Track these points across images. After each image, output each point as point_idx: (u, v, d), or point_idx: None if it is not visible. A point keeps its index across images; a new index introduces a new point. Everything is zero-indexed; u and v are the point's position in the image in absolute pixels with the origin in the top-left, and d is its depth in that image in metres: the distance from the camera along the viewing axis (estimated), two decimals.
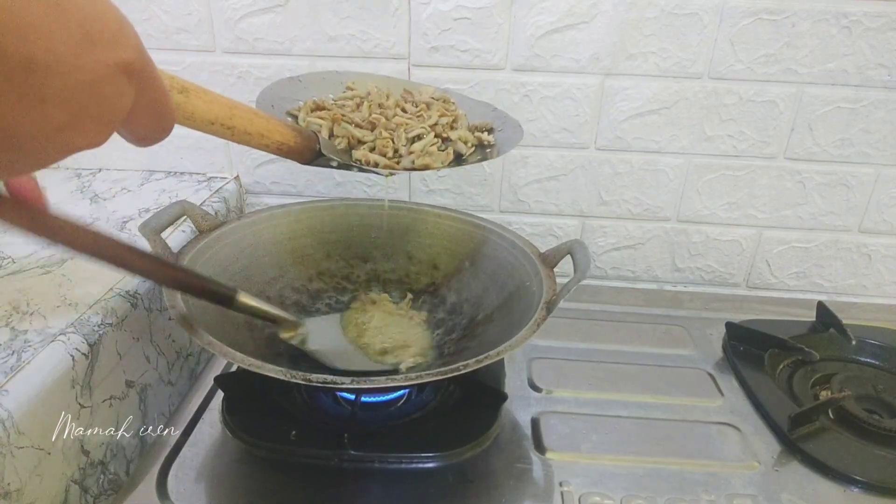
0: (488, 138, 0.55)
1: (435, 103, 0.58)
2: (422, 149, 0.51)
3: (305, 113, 0.54)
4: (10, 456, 0.38)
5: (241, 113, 0.37)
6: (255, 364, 0.44)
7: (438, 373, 0.44)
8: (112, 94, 0.21)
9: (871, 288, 0.83)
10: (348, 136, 0.51)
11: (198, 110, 0.33)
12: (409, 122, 0.54)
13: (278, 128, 0.40)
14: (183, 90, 0.32)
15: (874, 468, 0.53)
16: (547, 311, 0.52)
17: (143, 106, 0.23)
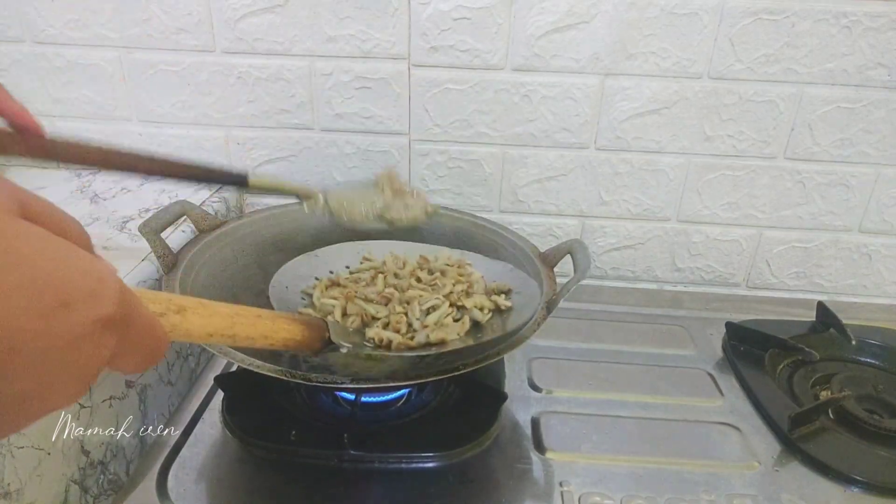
0: (505, 302, 0.56)
1: (450, 270, 0.58)
2: (436, 321, 0.52)
3: (320, 292, 0.56)
4: (10, 456, 0.38)
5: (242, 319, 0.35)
6: (255, 364, 0.44)
7: (438, 373, 0.44)
8: (90, 352, 0.20)
9: (871, 288, 0.83)
10: (362, 314, 0.52)
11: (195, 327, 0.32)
12: (422, 293, 0.55)
13: (283, 325, 0.39)
14: (180, 310, 0.31)
15: (874, 468, 0.53)
16: (547, 311, 0.52)
17: (126, 349, 0.22)
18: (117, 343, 0.21)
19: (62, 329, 0.18)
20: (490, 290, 0.58)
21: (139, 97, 0.77)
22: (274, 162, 0.80)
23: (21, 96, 0.40)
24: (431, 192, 0.80)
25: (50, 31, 0.74)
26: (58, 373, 0.19)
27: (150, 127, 0.79)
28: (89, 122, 0.79)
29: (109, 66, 0.75)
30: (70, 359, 0.19)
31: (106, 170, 0.46)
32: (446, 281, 0.57)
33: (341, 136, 0.78)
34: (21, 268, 0.17)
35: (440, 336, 0.50)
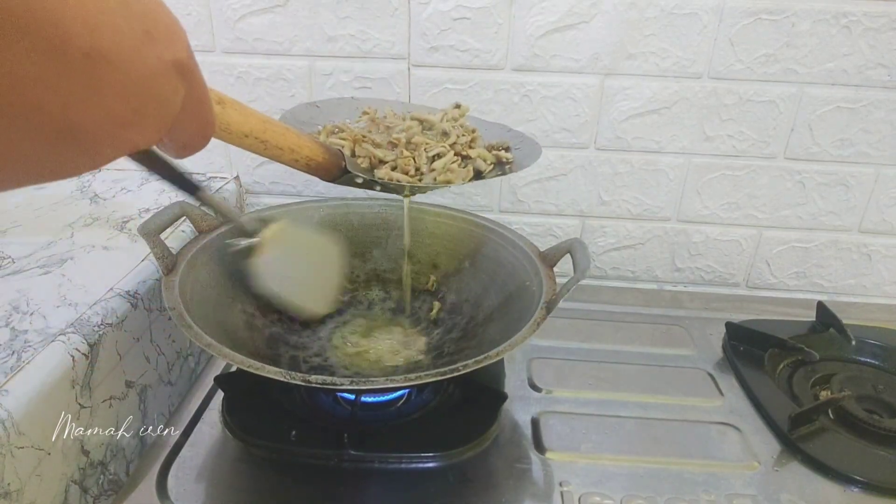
0: (507, 155, 0.56)
1: (451, 126, 0.58)
2: (443, 166, 0.52)
3: (326, 135, 0.55)
4: (10, 456, 0.38)
5: (273, 127, 0.37)
6: (255, 365, 0.44)
7: (438, 373, 0.44)
8: (167, 91, 0.21)
9: (871, 288, 0.83)
10: (370, 156, 0.52)
11: (234, 122, 0.33)
12: (429, 141, 0.55)
13: (308, 143, 0.40)
14: (220, 101, 0.32)
15: (874, 468, 0.53)
16: (547, 311, 0.52)
17: (190, 107, 0.23)
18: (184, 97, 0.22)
19: (148, 60, 0.19)
20: (490, 146, 0.58)
21: None
22: (274, 162, 0.80)
23: None
24: (431, 192, 0.80)
25: None
26: (140, 103, 0.20)
27: None
28: None
29: None
30: (153, 93, 0.20)
31: None
32: (451, 131, 0.57)
33: None
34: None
35: (447, 178, 0.50)
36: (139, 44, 0.19)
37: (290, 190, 0.82)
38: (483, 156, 0.54)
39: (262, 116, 0.36)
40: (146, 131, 0.21)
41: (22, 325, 0.46)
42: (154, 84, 0.20)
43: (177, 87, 0.22)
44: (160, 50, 0.20)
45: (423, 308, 0.67)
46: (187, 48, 0.22)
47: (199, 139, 0.26)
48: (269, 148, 0.36)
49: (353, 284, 0.70)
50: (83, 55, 0.17)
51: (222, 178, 0.80)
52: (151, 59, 0.20)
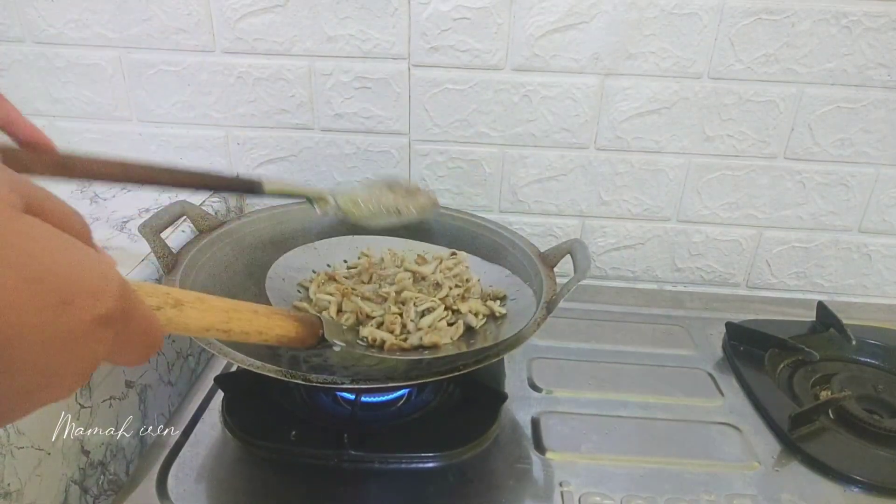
0: (500, 309, 0.55)
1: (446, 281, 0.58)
2: (430, 324, 0.52)
3: (317, 286, 0.56)
4: (10, 456, 0.38)
5: (238, 315, 0.36)
6: (255, 364, 0.44)
7: (438, 373, 0.44)
8: (88, 347, 0.20)
9: (871, 288, 0.83)
10: (357, 311, 0.52)
11: (191, 321, 0.32)
12: (418, 295, 0.55)
13: (278, 322, 0.39)
14: (177, 304, 0.31)
15: (874, 468, 0.53)
16: (547, 311, 0.52)
17: (123, 344, 0.22)
18: (115, 338, 0.21)
19: (62, 326, 0.18)
20: (486, 295, 0.58)
21: (139, 97, 0.77)
22: (274, 162, 0.80)
23: (21, 96, 0.41)
24: None
25: (50, 31, 0.74)
26: (57, 367, 0.19)
27: (150, 127, 0.79)
28: (89, 122, 0.79)
29: (109, 66, 0.75)
30: (69, 354, 0.19)
31: (123, 183, 0.46)
32: (443, 283, 0.57)
33: (341, 136, 0.78)
34: (24, 265, 0.17)
35: (433, 340, 0.50)
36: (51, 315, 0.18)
37: None
38: (475, 310, 0.54)
39: (225, 306, 0.35)
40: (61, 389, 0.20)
41: None
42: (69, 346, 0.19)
43: (99, 338, 0.20)
44: (80, 313, 0.19)
45: None
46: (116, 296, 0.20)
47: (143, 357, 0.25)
48: (233, 335, 0.36)
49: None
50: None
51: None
52: (67, 325, 0.19)
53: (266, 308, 0.38)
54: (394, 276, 0.59)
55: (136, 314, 0.22)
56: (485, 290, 0.59)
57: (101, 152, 0.43)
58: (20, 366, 0.18)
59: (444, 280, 0.58)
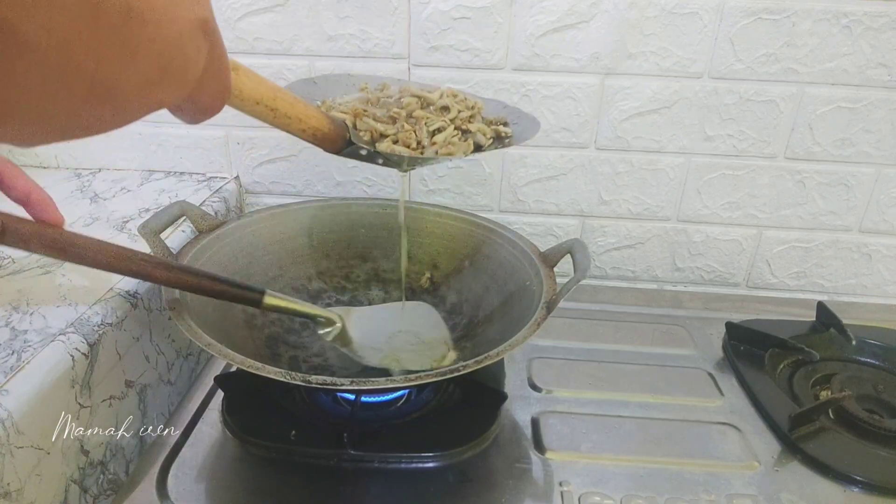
0: (505, 130, 0.56)
1: (451, 101, 0.58)
2: (444, 140, 0.52)
3: (325, 110, 0.54)
4: (9, 456, 0.38)
5: (283, 96, 0.38)
6: (255, 365, 0.44)
7: (438, 373, 0.44)
8: (192, 51, 0.22)
9: (871, 288, 0.83)
10: (371, 130, 0.52)
11: (246, 88, 0.34)
12: (429, 115, 0.54)
13: (315, 114, 0.41)
14: (234, 68, 0.33)
15: (874, 468, 0.53)
16: (547, 311, 0.52)
17: (211, 68, 0.24)
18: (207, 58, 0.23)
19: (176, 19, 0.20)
20: (488, 121, 0.58)
21: None
22: (274, 162, 0.80)
23: None
24: (431, 192, 0.80)
25: None
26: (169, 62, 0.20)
27: (150, 127, 0.79)
28: None
29: None
30: (180, 52, 0.21)
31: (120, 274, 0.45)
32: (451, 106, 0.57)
33: None
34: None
35: (448, 151, 0.50)
36: (168, 3, 0.20)
37: (290, 190, 0.82)
38: (482, 130, 0.54)
39: (272, 85, 0.37)
40: (172, 90, 0.22)
41: (22, 324, 0.46)
42: (181, 43, 0.21)
43: (201, 46, 0.22)
44: (187, 9, 0.21)
45: None
46: (210, 8, 0.22)
47: (216, 102, 0.26)
48: (278, 116, 0.38)
49: (352, 284, 0.70)
50: (117, 14, 0.18)
51: (222, 177, 0.80)
52: (179, 17, 0.20)
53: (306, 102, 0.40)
54: (400, 101, 0.58)
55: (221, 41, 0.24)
56: (486, 118, 0.59)
57: (101, 153, 0.43)
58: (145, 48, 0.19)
59: (451, 104, 0.57)
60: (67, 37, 0.17)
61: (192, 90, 0.24)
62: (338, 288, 0.69)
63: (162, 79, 0.21)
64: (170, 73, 0.21)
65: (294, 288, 0.66)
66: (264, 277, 0.64)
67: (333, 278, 0.69)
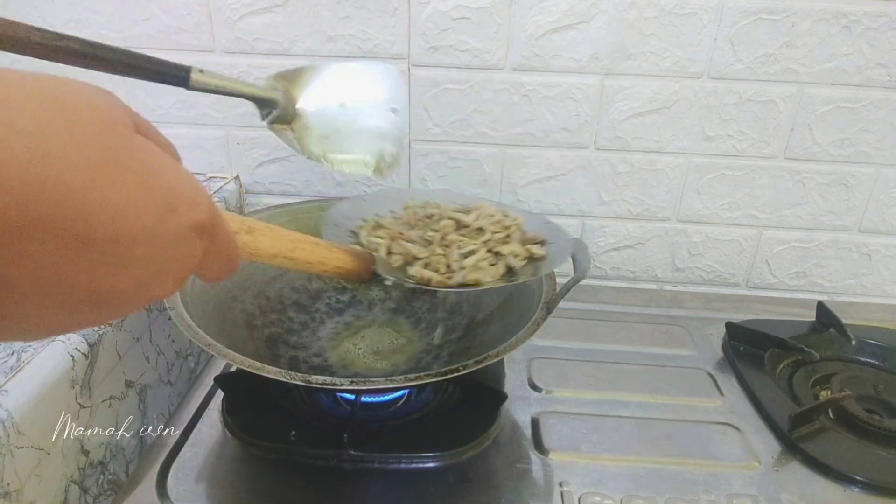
0: (540, 251, 0.56)
1: (487, 221, 0.59)
2: (473, 264, 0.52)
3: (367, 232, 0.57)
4: (10, 456, 0.38)
5: (302, 245, 0.40)
6: (255, 365, 0.44)
7: (438, 373, 0.44)
8: (186, 252, 0.23)
9: (871, 288, 0.83)
10: (404, 254, 0.53)
11: (263, 247, 0.36)
12: (462, 238, 0.55)
13: (337, 254, 0.44)
14: (250, 230, 0.34)
15: (874, 468, 0.53)
16: (547, 311, 0.52)
17: (211, 255, 0.25)
18: (205, 249, 0.24)
19: (168, 229, 0.21)
20: (525, 239, 0.58)
21: (139, 97, 0.77)
22: (274, 162, 0.80)
23: None
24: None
25: None
26: (163, 265, 0.22)
27: None
28: None
29: None
30: (172, 254, 0.22)
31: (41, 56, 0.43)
32: (486, 228, 0.57)
33: None
34: (141, 175, 0.20)
35: (476, 277, 0.51)
36: (160, 218, 0.21)
37: (290, 190, 0.82)
38: (515, 252, 0.55)
39: (291, 236, 0.39)
40: (167, 286, 0.23)
41: None
42: (174, 249, 0.22)
43: (195, 245, 0.24)
44: (181, 218, 0.22)
45: (423, 308, 0.67)
46: (207, 210, 0.24)
47: (224, 272, 0.29)
48: (297, 264, 0.40)
49: (352, 284, 0.70)
50: (108, 239, 0.19)
51: (222, 178, 0.80)
52: (172, 228, 0.21)
53: (326, 242, 0.43)
54: (437, 223, 0.59)
55: (221, 230, 0.26)
56: (525, 235, 0.59)
57: None
58: (137, 261, 0.21)
59: (486, 225, 0.58)
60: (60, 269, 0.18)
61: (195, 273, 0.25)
62: (337, 288, 0.69)
63: (155, 281, 0.22)
64: (163, 275, 0.22)
65: (294, 288, 0.66)
66: (264, 277, 0.64)
67: (333, 278, 0.69)
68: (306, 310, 0.66)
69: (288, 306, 0.65)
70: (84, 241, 0.18)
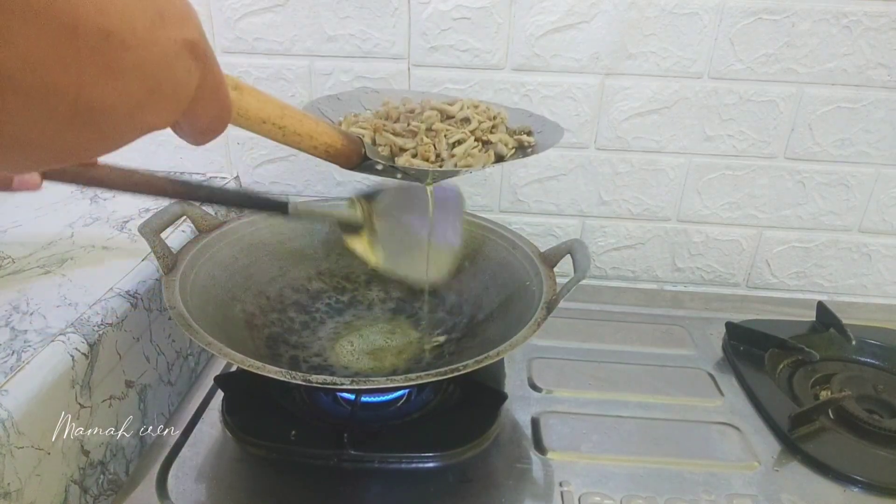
0: (528, 139, 0.55)
1: (472, 112, 0.58)
2: (463, 152, 0.51)
3: (346, 126, 0.54)
4: (10, 456, 0.38)
5: (291, 113, 0.37)
6: (255, 365, 0.44)
7: (438, 373, 0.44)
8: (181, 72, 0.22)
9: (871, 288, 0.83)
10: (390, 144, 0.51)
11: (251, 107, 0.34)
12: (448, 127, 0.54)
13: (326, 130, 0.41)
14: (237, 87, 0.33)
15: (874, 468, 0.53)
16: (547, 311, 0.52)
17: (206, 89, 0.24)
18: (200, 80, 0.23)
19: (160, 40, 0.20)
20: (511, 130, 0.57)
21: None
22: (274, 162, 0.80)
23: None
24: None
25: None
26: (160, 84, 0.21)
27: None
28: None
29: None
30: (168, 74, 0.21)
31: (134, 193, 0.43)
32: (472, 117, 0.56)
33: None
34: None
35: (467, 163, 0.50)
36: (151, 25, 0.19)
37: (290, 190, 0.82)
38: (504, 140, 0.54)
39: (279, 102, 0.36)
40: (162, 112, 0.21)
41: (22, 325, 0.46)
42: (168, 64, 0.21)
43: (190, 68, 0.22)
44: (172, 31, 0.20)
45: (424, 308, 0.67)
46: (200, 31, 0.22)
47: (217, 123, 0.26)
48: (287, 134, 0.37)
49: (352, 284, 0.70)
50: (96, 35, 0.18)
51: (222, 177, 0.80)
52: (164, 39, 0.20)
53: (314, 116, 0.40)
54: (420, 115, 0.58)
55: (214, 63, 0.24)
56: (510, 128, 0.58)
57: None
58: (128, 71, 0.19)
59: (472, 115, 0.57)
60: (46, 62, 0.17)
61: (186, 112, 0.23)
62: (338, 288, 0.69)
63: (150, 101, 0.21)
64: (158, 95, 0.21)
65: (294, 288, 0.66)
66: (265, 277, 0.64)
67: (333, 278, 0.69)
68: (306, 310, 0.66)
69: (288, 306, 0.65)
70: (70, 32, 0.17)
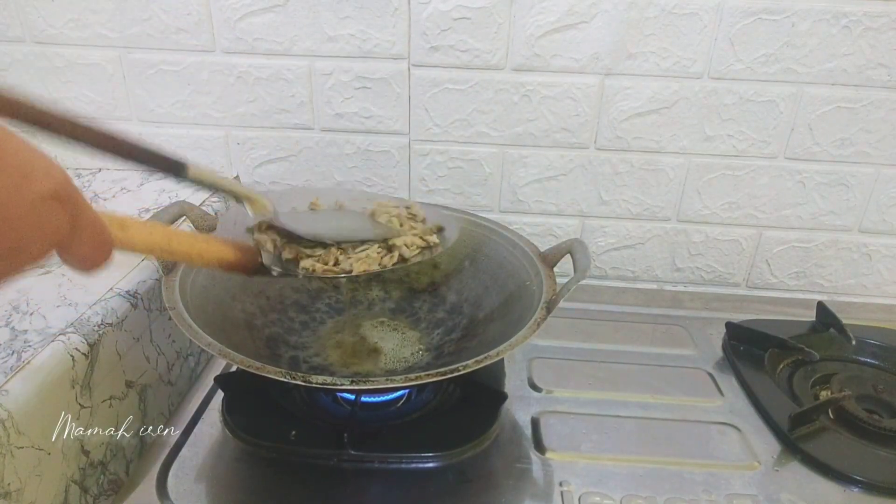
0: (433, 240, 0.57)
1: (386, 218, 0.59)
2: (364, 257, 0.53)
3: (258, 231, 0.54)
4: (10, 456, 0.38)
5: (180, 238, 0.41)
6: (255, 365, 0.44)
7: (438, 373, 0.44)
8: (48, 218, 0.24)
9: (871, 288, 0.83)
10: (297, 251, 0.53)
11: (138, 241, 0.36)
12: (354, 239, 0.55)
13: (217, 247, 0.44)
14: (122, 226, 0.35)
15: (874, 468, 0.53)
16: (547, 311, 0.52)
17: (80, 228, 0.26)
18: (70, 223, 0.26)
19: (25, 196, 0.23)
20: (426, 230, 0.58)
21: (139, 97, 0.77)
22: (274, 162, 0.80)
23: None
24: (431, 192, 0.80)
25: (50, 31, 0.73)
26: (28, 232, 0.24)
27: (150, 127, 0.79)
28: None
29: (109, 66, 0.75)
30: (33, 220, 0.24)
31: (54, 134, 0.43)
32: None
33: (341, 136, 0.78)
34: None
35: (362, 268, 0.51)
36: (15, 185, 0.22)
37: None
38: (409, 243, 0.56)
39: (167, 231, 0.40)
40: (32, 255, 0.24)
41: (22, 325, 0.46)
42: (33, 215, 0.24)
43: (56, 212, 0.25)
44: (35, 186, 0.23)
45: (424, 308, 0.67)
46: (63, 181, 0.25)
47: (98, 255, 0.29)
48: (176, 255, 0.41)
49: (352, 283, 0.70)
50: None
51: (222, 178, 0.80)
52: (27, 194, 0.23)
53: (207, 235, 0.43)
54: None
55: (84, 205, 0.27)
56: (426, 227, 0.59)
57: None
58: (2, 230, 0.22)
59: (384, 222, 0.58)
60: None
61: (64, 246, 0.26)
62: (338, 288, 0.69)
63: (19, 248, 0.23)
64: (26, 242, 0.24)
65: (294, 288, 0.66)
66: (264, 277, 0.64)
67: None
68: (306, 309, 0.66)
69: (288, 306, 0.65)
70: None
